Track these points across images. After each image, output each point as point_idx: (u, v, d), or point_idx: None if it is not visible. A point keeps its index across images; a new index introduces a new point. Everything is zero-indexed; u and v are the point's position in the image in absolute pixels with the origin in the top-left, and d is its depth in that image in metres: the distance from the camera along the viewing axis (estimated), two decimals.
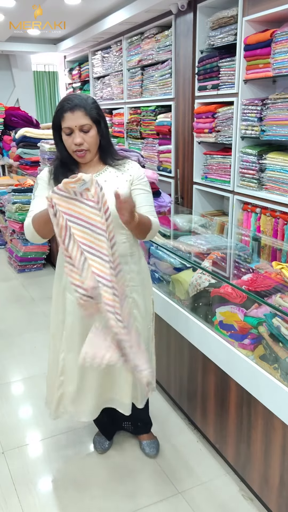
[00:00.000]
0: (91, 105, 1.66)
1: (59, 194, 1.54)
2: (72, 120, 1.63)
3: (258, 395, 1.73)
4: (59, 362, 1.89)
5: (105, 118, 1.75)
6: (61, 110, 1.65)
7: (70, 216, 1.56)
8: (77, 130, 1.64)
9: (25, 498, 1.94)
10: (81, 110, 1.63)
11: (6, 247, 5.29)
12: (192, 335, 2.12)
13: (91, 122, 1.65)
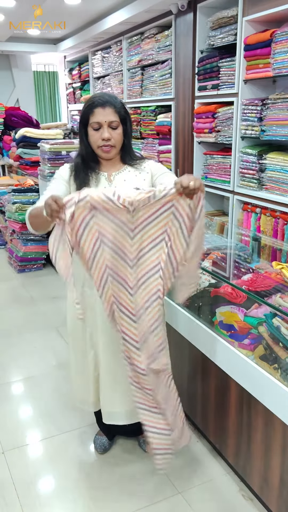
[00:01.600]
0: (120, 104, 1.73)
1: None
2: (102, 116, 1.68)
3: (258, 395, 1.73)
4: (90, 361, 1.95)
5: (131, 120, 1.82)
6: (91, 105, 1.70)
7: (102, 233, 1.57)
8: (106, 125, 1.69)
9: (25, 498, 1.94)
10: (112, 107, 1.69)
11: (6, 247, 5.29)
12: (192, 335, 2.12)
13: (119, 120, 1.71)
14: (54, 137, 5.12)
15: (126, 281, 1.63)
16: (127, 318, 1.66)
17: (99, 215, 1.53)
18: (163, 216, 1.57)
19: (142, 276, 1.63)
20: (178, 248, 1.60)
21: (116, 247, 1.59)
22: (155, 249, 1.61)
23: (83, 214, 1.53)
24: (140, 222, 1.56)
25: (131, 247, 1.59)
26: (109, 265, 1.61)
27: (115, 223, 1.55)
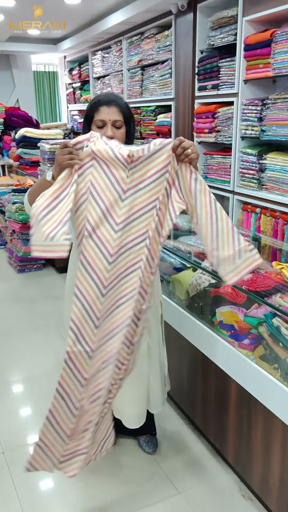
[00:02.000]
0: (125, 105, 1.76)
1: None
2: (107, 114, 1.69)
3: (258, 395, 1.73)
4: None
5: (135, 121, 1.83)
6: (97, 103, 1.71)
7: (94, 185, 1.52)
8: (110, 124, 1.70)
9: (25, 498, 1.94)
10: (117, 106, 1.71)
11: (6, 247, 5.29)
12: (192, 335, 2.12)
13: (123, 120, 1.73)
14: (54, 137, 5.12)
15: (106, 246, 1.52)
16: (95, 287, 1.53)
17: (97, 166, 1.51)
18: (158, 182, 1.52)
19: (127, 243, 1.54)
20: (164, 214, 1.54)
21: (104, 205, 1.52)
22: (145, 216, 1.53)
23: (84, 160, 1.51)
24: (134, 184, 1.52)
25: (120, 210, 1.52)
26: (92, 222, 1.51)
27: (109, 179, 1.51)
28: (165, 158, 1.51)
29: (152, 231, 1.53)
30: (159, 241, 1.56)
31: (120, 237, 1.52)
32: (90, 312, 1.55)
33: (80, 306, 1.54)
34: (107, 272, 1.53)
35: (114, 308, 1.57)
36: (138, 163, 1.51)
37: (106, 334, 1.58)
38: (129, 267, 1.55)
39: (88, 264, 1.53)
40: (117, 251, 1.53)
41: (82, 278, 1.54)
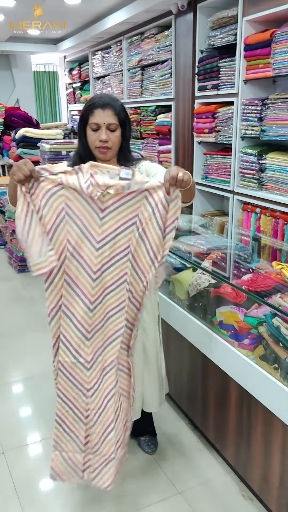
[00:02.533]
0: (120, 107, 1.72)
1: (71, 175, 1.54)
2: (101, 117, 1.68)
3: (258, 395, 1.73)
4: None
5: (131, 123, 1.80)
6: (92, 106, 1.70)
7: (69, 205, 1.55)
8: (104, 127, 1.68)
9: (25, 498, 1.94)
10: (111, 109, 1.69)
11: (6, 247, 5.29)
12: (192, 335, 2.12)
13: (118, 123, 1.70)
14: (54, 137, 5.12)
15: (89, 264, 1.57)
16: (82, 304, 1.59)
17: (69, 189, 1.55)
18: (136, 200, 1.55)
19: (109, 260, 1.58)
20: (152, 235, 1.56)
21: (82, 224, 1.56)
22: (125, 233, 1.57)
23: (50, 185, 1.54)
24: (110, 203, 1.55)
25: (99, 228, 1.56)
26: (71, 240, 1.57)
27: (84, 199, 1.55)
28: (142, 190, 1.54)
29: (134, 247, 1.58)
30: (149, 257, 1.58)
31: (102, 254, 1.57)
32: (79, 326, 1.61)
33: (69, 322, 1.61)
34: (92, 288, 1.59)
35: (105, 320, 1.62)
36: (109, 204, 1.55)
37: (101, 345, 1.64)
38: (114, 281, 1.60)
39: (72, 282, 1.59)
40: (100, 267, 1.58)
41: (68, 295, 1.60)
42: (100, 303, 1.60)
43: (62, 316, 1.61)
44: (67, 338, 1.62)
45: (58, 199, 1.55)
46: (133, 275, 1.61)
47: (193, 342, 2.12)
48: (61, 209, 1.55)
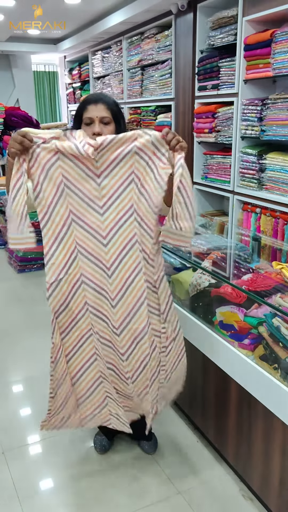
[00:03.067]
0: (113, 103, 1.76)
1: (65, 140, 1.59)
2: (94, 111, 1.71)
3: (258, 395, 1.73)
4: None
5: (125, 121, 1.84)
6: (85, 102, 1.75)
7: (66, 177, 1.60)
8: (98, 120, 1.71)
9: (25, 498, 1.94)
10: (104, 104, 1.72)
11: (6, 247, 5.29)
12: (192, 335, 2.12)
13: (111, 117, 1.73)
14: None
15: (97, 230, 1.62)
16: (100, 270, 1.64)
17: (65, 159, 1.57)
18: (127, 158, 1.59)
19: (116, 223, 1.62)
20: (150, 186, 1.60)
21: (81, 193, 1.60)
22: (126, 192, 1.62)
23: (47, 156, 1.56)
24: (105, 167, 1.59)
25: (99, 193, 1.60)
26: (74, 211, 1.61)
27: (80, 168, 1.59)
28: (129, 137, 1.58)
29: (137, 204, 1.62)
30: (151, 210, 1.62)
31: (107, 218, 1.61)
32: (104, 293, 1.66)
33: (92, 291, 1.66)
34: (106, 254, 1.63)
35: (126, 287, 1.65)
36: (104, 148, 1.57)
37: (128, 313, 1.67)
38: (126, 244, 1.63)
39: (86, 251, 1.63)
40: (109, 232, 1.62)
41: (85, 265, 1.64)
42: (117, 268, 1.63)
43: (85, 288, 1.66)
44: (95, 307, 1.68)
45: (56, 171, 1.58)
46: (142, 233, 1.64)
47: (193, 342, 2.12)
48: (60, 181, 1.59)
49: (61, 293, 1.67)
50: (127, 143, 1.58)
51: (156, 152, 1.59)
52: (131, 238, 1.63)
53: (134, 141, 1.59)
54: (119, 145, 1.58)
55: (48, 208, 1.60)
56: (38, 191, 1.59)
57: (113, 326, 1.68)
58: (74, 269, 1.65)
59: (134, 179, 1.61)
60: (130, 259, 1.64)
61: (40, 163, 1.57)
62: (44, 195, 1.59)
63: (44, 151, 1.56)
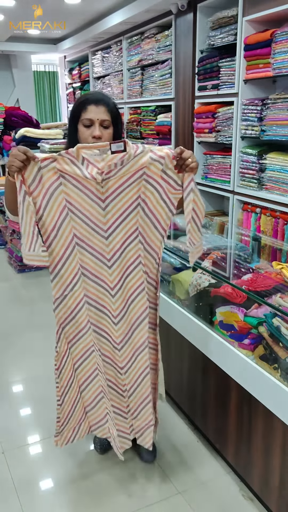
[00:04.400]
0: (113, 104, 1.71)
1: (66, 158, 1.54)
2: (95, 113, 1.65)
3: (258, 395, 1.73)
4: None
5: (122, 122, 1.80)
6: (85, 101, 1.67)
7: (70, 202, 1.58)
8: (98, 123, 1.66)
9: (25, 498, 1.94)
10: (105, 106, 1.66)
11: (6, 247, 5.28)
12: (192, 335, 2.12)
13: (111, 120, 1.68)
14: (54, 137, 5.11)
15: (101, 252, 1.63)
16: (104, 291, 1.67)
17: (68, 184, 1.55)
18: (134, 184, 1.58)
19: (121, 246, 1.62)
20: (157, 210, 1.62)
21: (85, 217, 1.59)
22: (131, 216, 1.61)
23: (50, 179, 1.53)
24: (110, 192, 1.57)
25: (104, 217, 1.59)
26: (78, 234, 1.61)
27: (84, 193, 1.56)
28: (139, 166, 1.56)
29: (142, 227, 1.63)
30: (158, 233, 1.66)
31: (112, 242, 1.62)
32: (106, 311, 1.70)
33: (94, 310, 1.71)
34: (110, 275, 1.64)
35: (128, 305, 1.70)
36: (112, 174, 1.54)
37: (130, 329, 1.72)
38: (130, 265, 1.65)
39: (89, 273, 1.66)
40: (113, 255, 1.63)
41: (88, 286, 1.67)
42: (120, 288, 1.66)
43: (88, 307, 1.69)
44: (95, 324, 1.73)
45: (59, 195, 1.55)
46: (146, 255, 1.67)
47: (193, 342, 2.12)
48: (64, 206, 1.57)
49: (67, 307, 1.70)
50: (136, 170, 1.57)
51: (163, 175, 1.58)
52: (135, 259, 1.66)
53: (144, 169, 1.57)
54: (127, 173, 1.56)
55: (51, 231, 1.59)
56: (40, 215, 1.57)
57: (114, 342, 1.72)
58: (78, 287, 1.68)
59: (140, 203, 1.61)
60: (133, 279, 1.67)
61: (43, 186, 1.54)
62: (47, 220, 1.58)
63: (48, 172, 1.52)
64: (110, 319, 1.70)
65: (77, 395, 1.86)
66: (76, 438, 1.95)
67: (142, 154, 1.56)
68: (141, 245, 1.66)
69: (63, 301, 1.69)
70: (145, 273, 1.69)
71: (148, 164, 1.56)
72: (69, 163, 1.53)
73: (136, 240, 1.64)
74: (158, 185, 1.59)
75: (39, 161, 1.51)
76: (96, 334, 1.74)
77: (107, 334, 1.73)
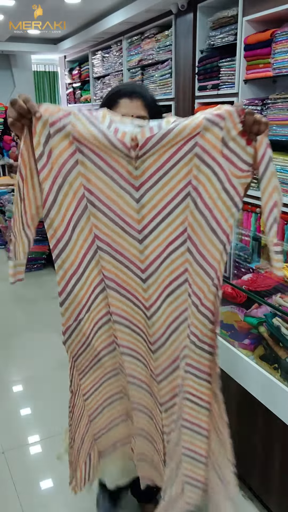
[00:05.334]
0: (151, 99, 1.35)
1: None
2: (129, 108, 1.30)
3: (258, 395, 1.73)
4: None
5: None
6: (116, 94, 1.33)
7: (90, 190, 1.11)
8: None
9: (25, 498, 1.94)
10: (141, 99, 1.32)
11: (6, 247, 5.29)
12: None
13: (149, 117, 1.30)
14: None
15: (132, 261, 1.16)
16: (135, 307, 1.21)
17: (87, 162, 1.08)
18: (183, 163, 1.09)
19: (160, 253, 1.14)
20: (216, 203, 1.12)
21: (112, 213, 1.12)
22: (177, 212, 1.12)
23: (63, 155, 1.07)
24: (148, 176, 1.09)
25: (137, 213, 1.12)
26: (101, 236, 1.14)
27: (110, 177, 1.09)
28: (188, 132, 1.08)
29: (192, 228, 1.13)
30: (216, 239, 1.15)
31: (148, 247, 1.14)
32: (142, 334, 1.24)
33: (125, 329, 1.24)
34: (145, 291, 1.18)
35: (168, 335, 1.22)
36: (149, 147, 1.07)
37: (169, 365, 1.25)
38: (172, 281, 1.18)
39: (116, 284, 1.19)
40: (149, 264, 1.16)
41: (116, 301, 1.21)
42: (158, 309, 1.19)
43: (120, 328, 1.24)
44: (132, 348, 1.27)
45: (74, 182, 1.09)
46: (197, 271, 1.16)
47: None
48: (81, 197, 1.11)
49: (81, 334, 1.24)
50: (184, 140, 1.08)
51: (224, 150, 1.09)
52: (179, 275, 1.17)
53: (196, 137, 1.08)
54: (172, 144, 1.08)
55: (63, 233, 1.12)
56: (48, 207, 1.10)
57: (152, 372, 1.27)
58: (98, 305, 1.22)
59: (190, 192, 1.11)
60: (175, 301, 1.19)
61: (53, 166, 1.07)
62: (58, 215, 1.11)
63: (60, 143, 1.06)
64: (146, 344, 1.24)
65: (86, 427, 1.41)
66: (91, 475, 1.45)
67: (192, 118, 1.13)
68: (190, 255, 1.15)
69: (76, 328, 1.23)
70: (195, 296, 1.17)
71: (203, 130, 1.09)
72: (88, 125, 1.05)
73: (182, 247, 1.15)
74: (217, 165, 1.09)
75: (48, 122, 1.04)
76: (128, 357, 1.28)
77: (144, 359, 1.27)
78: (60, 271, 1.16)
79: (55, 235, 1.13)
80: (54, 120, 1.04)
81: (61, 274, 1.16)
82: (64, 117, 1.05)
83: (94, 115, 1.08)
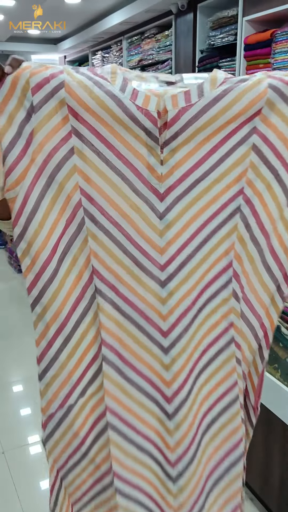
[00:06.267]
0: None
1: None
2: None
3: None
4: None
5: None
6: None
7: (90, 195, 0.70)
8: None
9: (25, 498, 1.94)
10: None
11: (6, 247, 5.29)
12: None
13: None
14: None
15: (149, 316, 0.72)
16: (150, 402, 0.74)
17: (87, 151, 0.69)
18: (233, 160, 0.69)
19: (192, 304, 0.72)
20: (274, 221, 0.72)
21: (120, 233, 0.71)
22: (218, 237, 0.71)
23: (52, 140, 0.68)
24: (179, 177, 0.70)
25: (160, 237, 0.70)
26: (102, 271, 0.72)
27: (120, 175, 0.69)
28: (247, 104, 0.67)
29: (239, 261, 0.72)
30: (266, 276, 0.74)
31: (174, 294, 0.71)
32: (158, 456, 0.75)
33: (134, 450, 0.75)
34: (166, 369, 0.73)
35: (202, 431, 0.76)
36: (182, 125, 0.67)
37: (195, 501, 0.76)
38: (209, 344, 0.74)
39: (120, 358, 0.74)
40: (176, 322, 0.72)
41: (115, 387, 0.75)
42: (187, 399, 0.73)
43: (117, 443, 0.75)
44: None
45: (67, 181, 0.69)
46: (245, 324, 0.75)
47: None
48: (76, 206, 0.70)
49: (71, 433, 0.78)
50: (238, 122, 0.68)
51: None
52: (221, 334, 0.74)
53: (255, 119, 0.68)
54: (219, 126, 0.68)
55: (45, 265, 0.72)
56: (24, 223, 0.70)
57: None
58: (96, 390, 0.77)
59: (241, 207, 0.71)
60: (213, 378, 0.75)
61: (35, 157, 0.68)
62: (39, 236, 0.70)
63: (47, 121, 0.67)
64: (162, 470, 0.75)
65: None
66: None
67: (252, 79, 0.69)
68: (235, 303, 0.73)
69: (63, 420, 0.80)
70: (239, 370, 0.75)
71: (266, 106, 0.67)
72: (92, 87, 0.68)
73: (225, 291, 0.73)
74: (285, 168, 0.71)
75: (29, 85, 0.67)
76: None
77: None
78: (39, 325, 0.79)
79: (32, 268, 0.72)
80: (40, 82, 0.66)
81: (41, 330, 0.80)
82: (55, 77, 0.67)
83: (99, 73, 0.70)
